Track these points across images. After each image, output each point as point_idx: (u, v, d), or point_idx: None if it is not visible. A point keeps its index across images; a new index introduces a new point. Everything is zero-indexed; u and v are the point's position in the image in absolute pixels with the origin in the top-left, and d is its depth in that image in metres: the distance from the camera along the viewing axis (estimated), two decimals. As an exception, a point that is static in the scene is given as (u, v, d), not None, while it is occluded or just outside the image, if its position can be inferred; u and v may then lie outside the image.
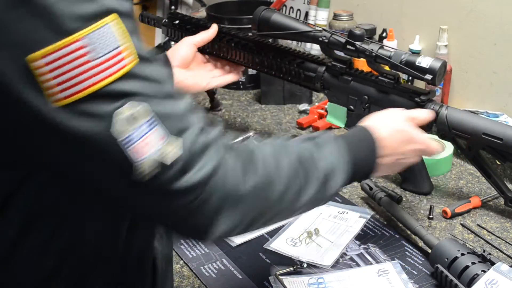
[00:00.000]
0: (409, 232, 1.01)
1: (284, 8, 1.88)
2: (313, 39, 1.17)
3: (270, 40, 1.30)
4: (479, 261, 0.86)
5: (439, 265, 0.88)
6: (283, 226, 1.05)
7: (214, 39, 1.32)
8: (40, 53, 0.53)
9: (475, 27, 1.36)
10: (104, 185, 0.61)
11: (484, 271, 0.84)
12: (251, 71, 1.67)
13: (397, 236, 1.02)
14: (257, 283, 0.91)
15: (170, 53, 1.20)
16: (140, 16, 1.49)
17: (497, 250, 0.98)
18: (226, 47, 1.31)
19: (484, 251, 0.88)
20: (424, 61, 1.04)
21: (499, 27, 1.31)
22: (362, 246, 1.00)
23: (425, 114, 0.98)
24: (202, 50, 1.37)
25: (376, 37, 1.57)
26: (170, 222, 0.65)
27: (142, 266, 0.73)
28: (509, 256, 0.96)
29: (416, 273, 0.93)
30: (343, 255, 0.98)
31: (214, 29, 1.26)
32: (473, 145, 1.06)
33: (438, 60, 1.04)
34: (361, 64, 1.41)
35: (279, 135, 1.40)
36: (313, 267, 0.95)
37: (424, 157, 1.15)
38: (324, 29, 1.17)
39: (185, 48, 1.21)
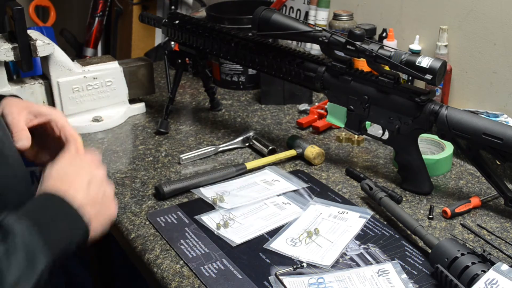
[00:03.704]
0: (409, 232, 1.01)
1: (284, 8, 1.88)
2: (313, 39, 1.18)
3: (270, 40, 1.30)
4: (479, 261, 0.86)
5: (439, 265, 0.88)
6: (283, 226, 1.05)
7: (214, 39, 1.33)
8: None
9: (475, 27, 1.36)
10: None
11: (484, 271, 0.84)
12: (251, 71, 1.67)
13: (397, 236, 1.02)
14: (257, 283, 0.91)
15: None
16: (140, 16, 1.49)
17: (497, 250, 0.98)
18: (226, 47, 1.32)
19: (484, 251, 0.88)
20: (424, 61, 1.04)
21: (499, 27, 1.31)
22: (362, 246, 1.00)
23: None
24: (202, 51, 1.38)
25: (376, 37, 1.57)
26: None
27: None
28: (509, 256, 0.97)
29: (416, 273, 0.93)
30: (343, 255, 0.98)
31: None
32: (473, 145, 1.06)
33: (438, 60, 1.04)
34: (361, 64, 1.42)
35: (279, 135, 1.41)
36: (313, 267, 0.95)
37: (424, 157, 1.16)
38: (324, 29, 1.17)
39: None
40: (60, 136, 0.93)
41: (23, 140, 0.89)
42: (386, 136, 1.17)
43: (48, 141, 0.95)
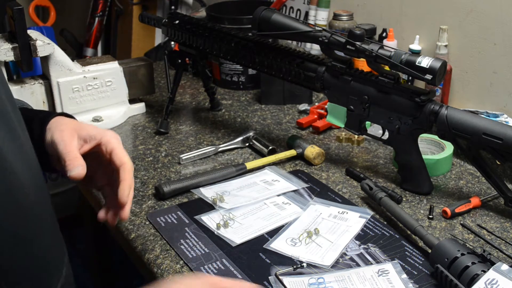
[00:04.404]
0: (409, 232, 1.01)
1: (284, 8, 1.88)
2: (313, 39, 1.18)
3: (270, 40, 1.30)
4: (479, 261, 0.86)
5: (439, 265, 0.88)
6: (283, 226, 1.05)
7: (214, 39, 1.33)
8: None
9: (475, 27, 1.36)
10: None
11: (484, 271, 0.84)
12: (251, 71, 1.67)
13: (397, 236, 1.02)
14: (257, 283, 0.91)
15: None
16: (140, 16, 1.49)
17: (497, 250, 0.98)
18: (226, 47, 1.31)
19: (484, 251, 0.88)
20: (424, 61, 1.04)
21: (499, 27, 1.31)
22: (362, 246, 1.00)
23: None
24: (202, 51, 1.37)
25: (376, 37, 1.57)
26: None
27: None
28: (509, 256, 0.96)
29: (416, 273, 0.93)
30: (343, 255, 0.98)
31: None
32: (473, 145, 1.06)
33: (438, 60, 1.04)
34: (361, 64, 1.42)
35: (279, 135, 1.41)
36: (313, 267, 0.95)
37: (424, 157, 1.15)
38: (324, 29, 1.17)
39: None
40: (109, 160, 0.85)
41: (77, 168, 0.81)
42: (386, 136, 1.17)
43: (101, 164, 0.88)
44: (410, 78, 1.40)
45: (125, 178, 0.84)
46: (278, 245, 1.00)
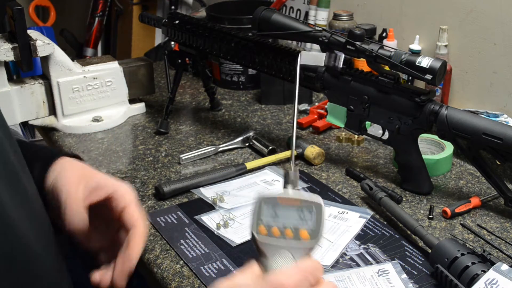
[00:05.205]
0: (409, 232, 1.01)
1: (284, 8, 1.88)
2: (313, 39, 1.18)
3: (270, 40, 1.30)
4: (479, 261, 0.86)
5: (439, 265, 0.88)
6: (283, 226, 1.05)
7: (214, 39, 1.33)
8: None
9: (475, 27, 1.36)
10: None
11: (484, 271, 0.84)
12: (251, 71, 1.67)
13: (397, 236, 1.02)
14: (257, 283, 0.91)
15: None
16: (140, 16, 1.49)
17: (497, 250, 0.98)
18: (226, 47, 1.32)
19: (484, 251, 0.88)
20: (424, 61, 1.04)
21: (499, 27, 1.31)
22: (362, 246, 1.00)
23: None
24: (202, 51, 1.38)
25: (376, 37, 1.57)
26: None
27: None
28: (509, 256, 0.96)
29: (416, 273, 0.93)
30: (343, 255, 0.98)
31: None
32: (473, 145, 1.06)
33: (438, 60, 1.04)
34: (361, 64, 1.42)
35: (279, 135, 1.41)
36: (313, 267, 0.94)
37: (424, 157, 1.15)
38: (324, 29, 1.17)
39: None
40: (119, 218, 0.73)
41: (76, 221, 0.72)
42: (386, 136, 1.17)
43: (104, 221, 0.76)
44: (410, 78, 1.40)
45: (136, 242, 0.71)
46: (278, 245, 1.00)
